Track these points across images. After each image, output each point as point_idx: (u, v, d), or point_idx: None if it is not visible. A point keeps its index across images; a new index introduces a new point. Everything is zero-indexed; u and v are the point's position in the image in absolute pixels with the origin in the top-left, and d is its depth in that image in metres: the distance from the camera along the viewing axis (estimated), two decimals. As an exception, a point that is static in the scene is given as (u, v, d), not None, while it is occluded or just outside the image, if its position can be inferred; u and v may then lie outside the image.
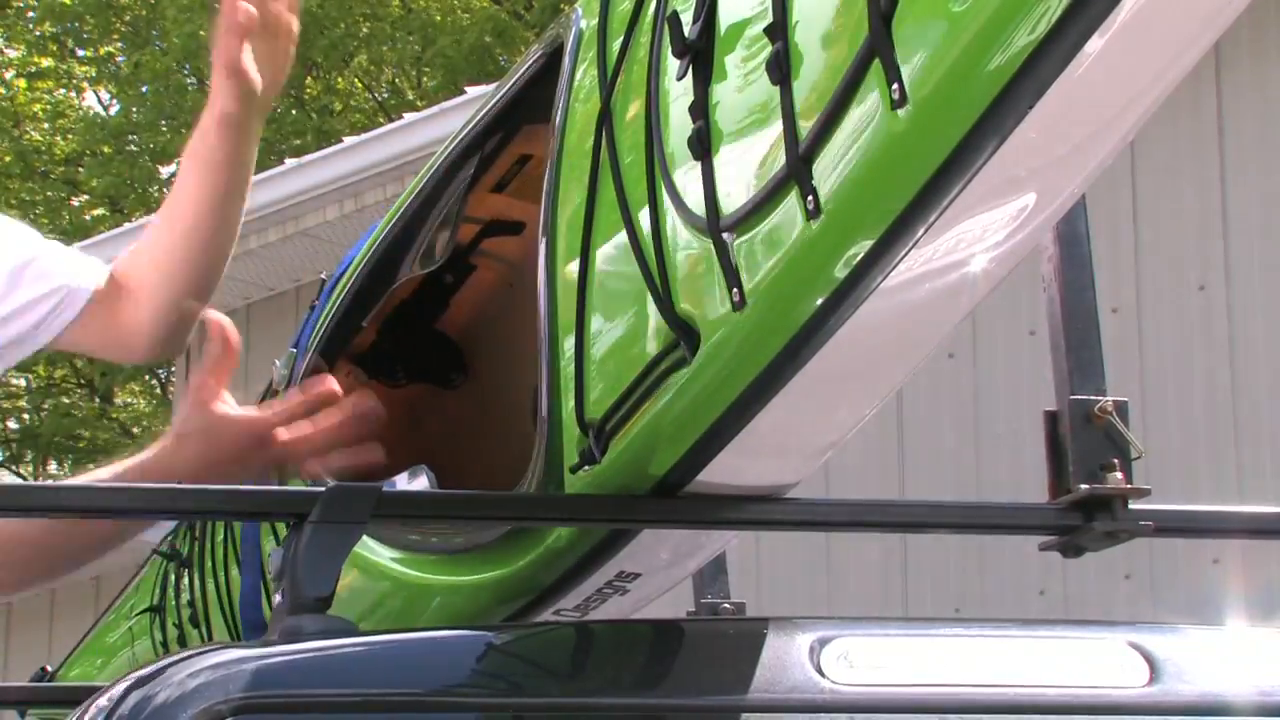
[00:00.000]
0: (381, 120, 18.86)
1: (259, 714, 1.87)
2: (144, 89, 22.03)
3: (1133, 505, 2.22)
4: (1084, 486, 2.18)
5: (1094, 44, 1.59)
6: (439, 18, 21.11)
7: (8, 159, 22.07)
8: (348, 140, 9.88)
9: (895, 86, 1.67)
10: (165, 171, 22.09)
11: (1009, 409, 7.63)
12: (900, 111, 1.68)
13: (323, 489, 2.15)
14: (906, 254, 1.80)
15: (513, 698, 2.01)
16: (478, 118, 2.76)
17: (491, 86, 2.91)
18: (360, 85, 22.62)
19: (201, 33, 20.61)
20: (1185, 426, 7.19)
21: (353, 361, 3.04)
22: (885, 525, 2.43)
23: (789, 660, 2.03)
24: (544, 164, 2.43)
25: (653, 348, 2.09)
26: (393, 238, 2.86)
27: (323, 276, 3.15)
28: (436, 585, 2.60)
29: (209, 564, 3.46)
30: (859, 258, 1.81)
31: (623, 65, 2.21)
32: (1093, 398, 2.22)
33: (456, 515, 2.52)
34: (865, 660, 2.02)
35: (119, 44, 23.04)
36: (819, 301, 1.87)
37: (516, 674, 2.04)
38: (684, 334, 2.02)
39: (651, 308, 2.08)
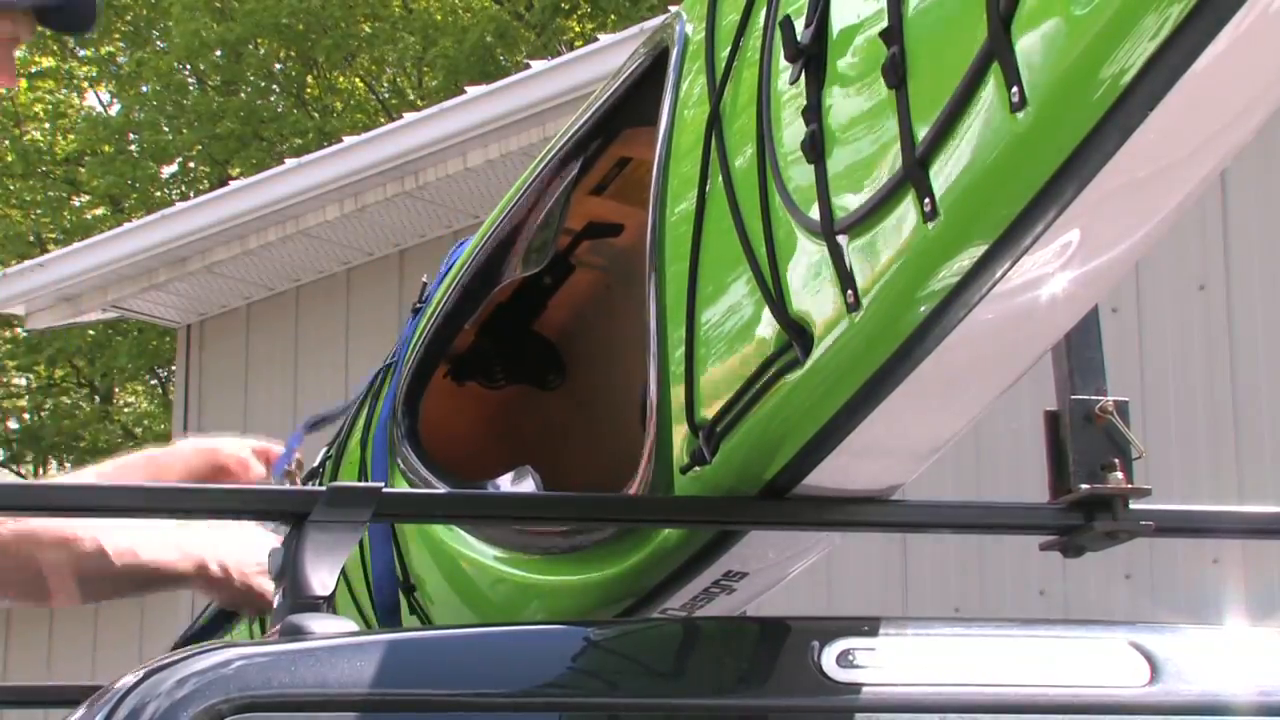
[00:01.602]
0: (382, 120, 18.86)
1: (259, 712, 1.87)
2: (145, 88, 22.02)
3: (1133, 505, 2.22)
4: (1085, 486, 2.18)
5: (1217, 44, 1.58)
6: (440, 18, 21.11)
7: (8, 159, 22.06)
8: (348, 140, 9.87)
9: (1015, 89, 1.67)
10: (166, 171, 22.10)
11: (1009, 409, 7.62)
12: (1020, 114, 1.68)
13: (323, 489, 2.15)
14: (1022, 257, 1.81)
15: (512, 696, 2.01)
16: (580, 121, 2.78)
17: (498, 82, 2.93)
18: (361, 85, 22.61)
19: (203, 32, 20.60)
20: (1185, 426, 7.19)
21: (450, 363, 3.05)
22: (885, 525, 2.43)
23: (789, 660, 2.03)
24: (644, 166, 2.44)
25: (765, 349, 2.10)
26: (498, 240, 2.88)
27: (425, 280, 3.15)
28: (543, 585, 2.61)
29: None
30: (975, 260, 1.82)
31: (732, 69, 2.22)
32: (1093, 398, 2.22)
33: (462, 515, 2.52)
34: (865, 660, 2.02)
35: (120, 43, 23.03)
36: (934, 303, 1.88)
37: (516, 673, 2.04)
38: (797, 335, 2.03)
39: (764, 310, 2.09)
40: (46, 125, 23.04)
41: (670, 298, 2.32)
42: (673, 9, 2.56)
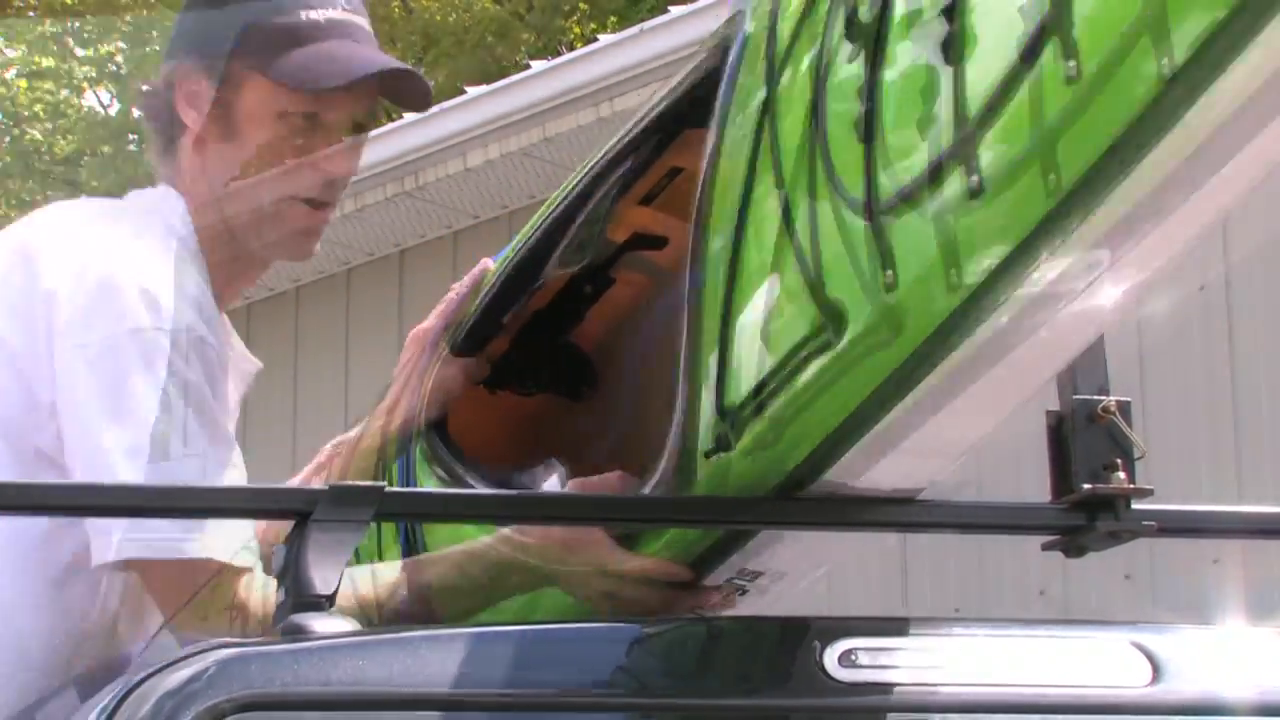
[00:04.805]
0: (382, 120, 18.84)
1: (262, 711, 1.87)
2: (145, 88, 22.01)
3: (1135, 505, 2.22)
4: (1087, 486, 2.18)
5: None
6: (440, 18, 21.11)
7: (8, 158, 22.04)
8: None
9: (1072, 63, 1.65)
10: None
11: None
12: (1073, 87, 1.66)
13: (325, 488, 2.15)
14: (1065, 245, 1.78)
15: (512, 695, 2.01)
16: (639, 118, 2.74)
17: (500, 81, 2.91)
18: (360, 85, 22.59)
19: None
20: (1185, 426, 7.19)
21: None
22: (885, 525, 2.43)
23: (790, 660, 2.03)
24: (695, 180, 2.41)
25: (799, 332, 2.08)
26: (545, 232, 2.86)
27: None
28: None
29: None
30: (1015, 245, 1.79)
31: (792, 52, 2.20)
32: (1095, 398, 2.22)
33: (465, 516, 2.52)
34: (866, 660, 2.02)
35: (119, 43, 23.01)
36: (970, 289, 1.86)
37: (516, 671, 2.04)
38: (832, 318, 2.02)
39: (801, 291, 2.07)
40: (46, 125, 23.03)
41: (709, 279, 2.30)
42: (676, 9, 2.55)
